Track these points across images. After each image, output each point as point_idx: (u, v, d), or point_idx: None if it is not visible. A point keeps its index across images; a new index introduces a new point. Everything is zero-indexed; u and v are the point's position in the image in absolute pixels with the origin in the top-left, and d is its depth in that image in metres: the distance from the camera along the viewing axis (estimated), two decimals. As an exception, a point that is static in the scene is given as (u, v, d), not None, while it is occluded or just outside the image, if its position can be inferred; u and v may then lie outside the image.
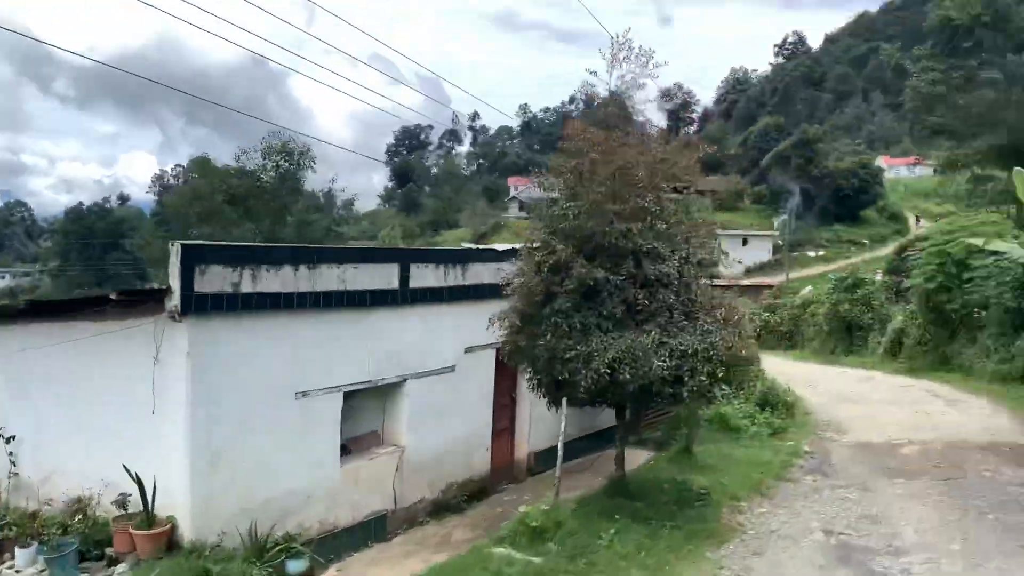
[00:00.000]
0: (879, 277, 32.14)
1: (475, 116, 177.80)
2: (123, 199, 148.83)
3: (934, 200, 73.22)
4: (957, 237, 19.75)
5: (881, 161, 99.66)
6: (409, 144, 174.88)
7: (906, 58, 38.84)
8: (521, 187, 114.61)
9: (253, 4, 12.35)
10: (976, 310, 19.91)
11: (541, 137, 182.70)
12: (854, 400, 17.46)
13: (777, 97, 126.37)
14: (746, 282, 56.07)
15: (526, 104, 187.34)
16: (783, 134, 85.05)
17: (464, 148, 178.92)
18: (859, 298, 28.82)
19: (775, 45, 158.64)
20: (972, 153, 36.45)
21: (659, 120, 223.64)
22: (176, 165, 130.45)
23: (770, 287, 54.96)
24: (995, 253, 20.27)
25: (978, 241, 17.34)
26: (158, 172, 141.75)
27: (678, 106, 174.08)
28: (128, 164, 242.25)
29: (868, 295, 28.58)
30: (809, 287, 48.96)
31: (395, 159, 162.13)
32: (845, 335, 30.03)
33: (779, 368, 27.36)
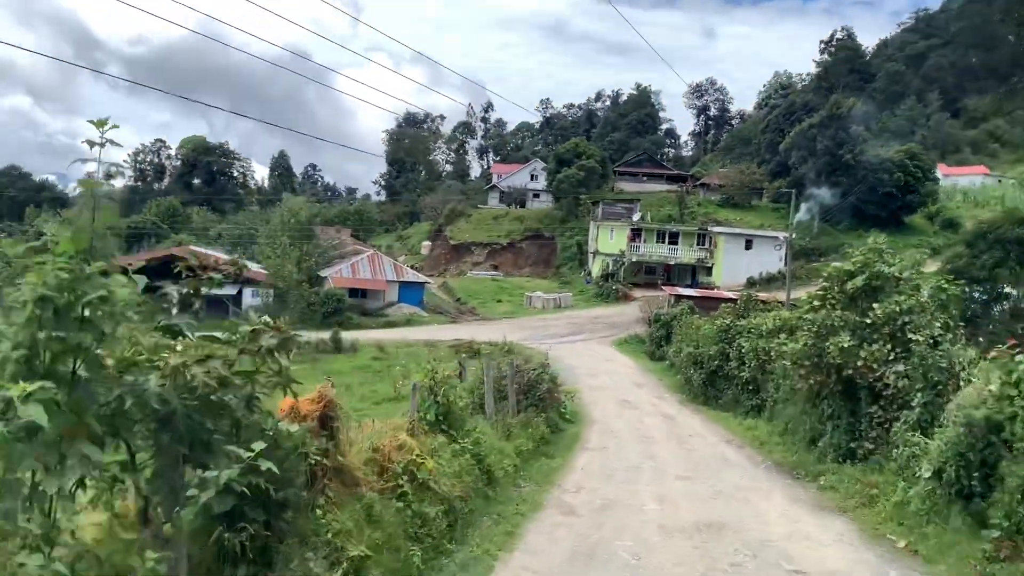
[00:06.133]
0: (925, 275, 14.54)
1: (488, 108, 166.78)
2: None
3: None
4: None
5: (937, 171, 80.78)
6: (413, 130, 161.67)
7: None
8: (504, 175, 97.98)
9: None
10: None
11: (556, 132, 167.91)
12: None
13: (817, 90, 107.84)
14: (729, 295, 38.74)
15: (547, 99, 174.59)
16: (811, 114, 67.01)
17: (477, 142, 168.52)
18: (878, 323, 11.72)
19: (821, 41, 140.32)
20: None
21: (687, 118, 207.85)
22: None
23: (766, 304, 33.97)
24: None
25: None
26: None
27: (710, 103, 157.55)
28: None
29: (897, 316, 11.44)
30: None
31: (395, 145, 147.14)
32: (843, 408, 12.95)
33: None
